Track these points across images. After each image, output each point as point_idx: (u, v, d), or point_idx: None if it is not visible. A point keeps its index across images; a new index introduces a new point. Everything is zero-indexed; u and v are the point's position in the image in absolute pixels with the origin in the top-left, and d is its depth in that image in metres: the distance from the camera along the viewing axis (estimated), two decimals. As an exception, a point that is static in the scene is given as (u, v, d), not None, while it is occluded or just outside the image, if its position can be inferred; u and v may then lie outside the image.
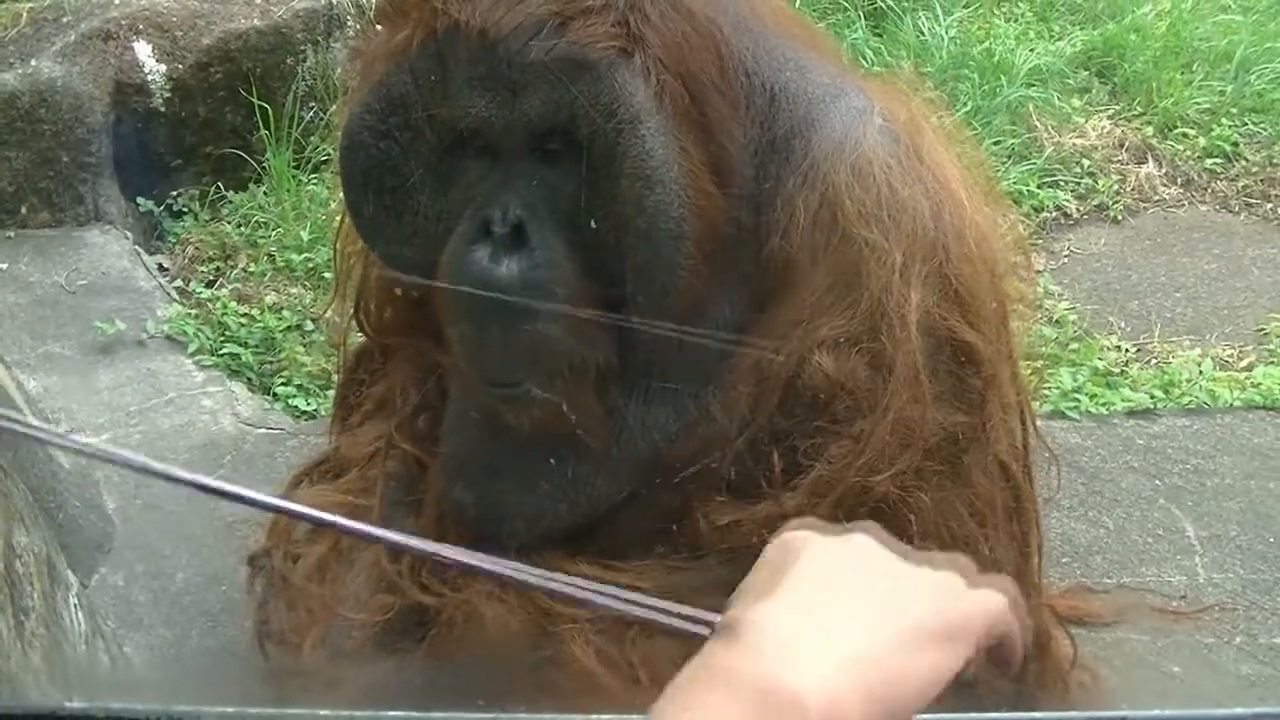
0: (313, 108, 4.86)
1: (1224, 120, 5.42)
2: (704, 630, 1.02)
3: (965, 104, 5.19)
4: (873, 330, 2.03)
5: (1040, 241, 4.87)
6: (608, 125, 1.95)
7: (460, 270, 2.04)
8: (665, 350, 2.11)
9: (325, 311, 3.48)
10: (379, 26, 2.16)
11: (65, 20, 4.75)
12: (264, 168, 4.79)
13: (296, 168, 4.79)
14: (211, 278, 4.47)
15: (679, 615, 1.06)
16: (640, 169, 1.95)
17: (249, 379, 3.97)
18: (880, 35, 5.81)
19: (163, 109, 4.70)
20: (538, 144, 2.02)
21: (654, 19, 1.95)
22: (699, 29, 1.99)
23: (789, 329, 2.05)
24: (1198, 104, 5.46)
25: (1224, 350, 4.26)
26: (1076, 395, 3.90)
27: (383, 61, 2.09)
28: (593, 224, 2.01)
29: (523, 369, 2.08)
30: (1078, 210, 5.08)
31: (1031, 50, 5.69)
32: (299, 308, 4.26)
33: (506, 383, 2.12)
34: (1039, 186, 5.08)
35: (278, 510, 1.20)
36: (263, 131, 4.72)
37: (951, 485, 2.13)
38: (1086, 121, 5.39)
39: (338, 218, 2.65)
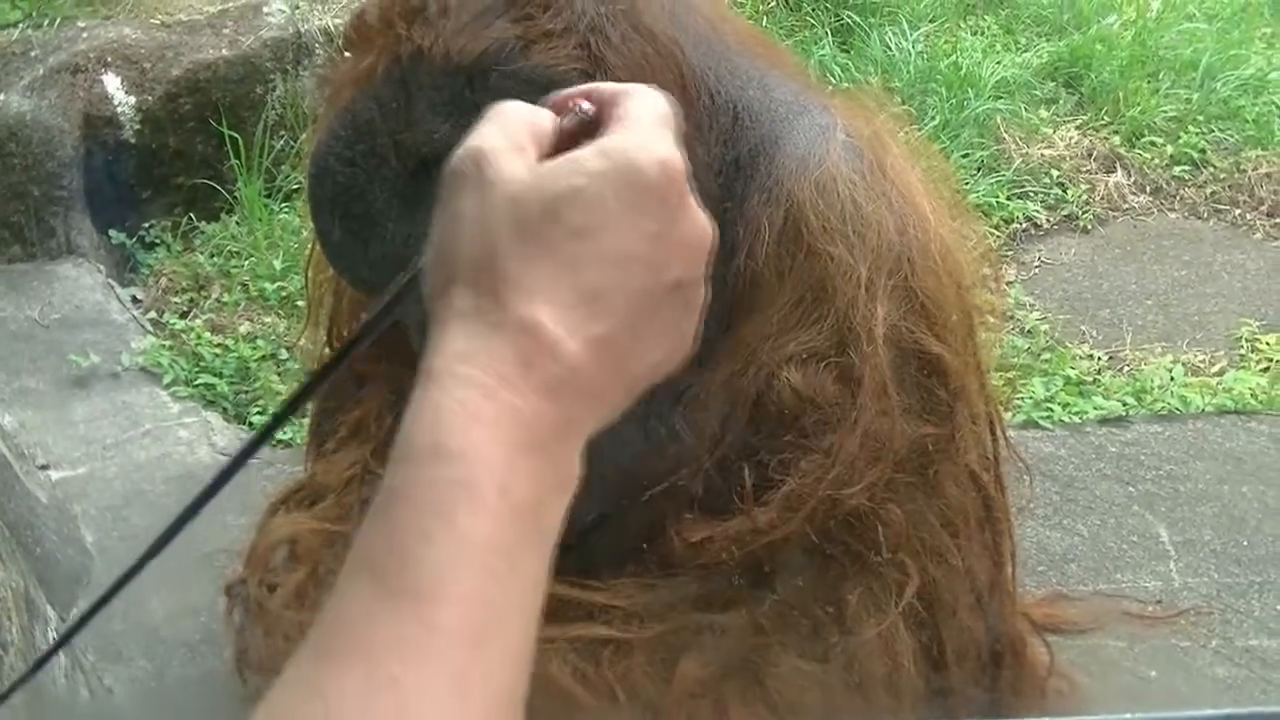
0: (283, 136, 4.86)
1: (1191, 128, 5.47)
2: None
3: (933, 118, 5.23)
4: (840, 345, 2.03)
5: (1011, 252, 4.91)
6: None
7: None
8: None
9: (299, 339, 3.48)
10: (346, 54, 2.16)
11: (33, 54, 4.75)
12: (235, 197, 4.79)
13: (268, 197, 4.80)
14: (185, 308, 4.47)
15: None
16: (604, 190, 1.96)
17: (225, 409, 3.96)
18: (848, 51, 5.85)
19: (133, 140, 4.71)
20: (503, 168, 2.02)
21: (615, 41, 1.96)
22: (660, 50, 2.00)
23: (756, 345, 2.05)
24: (1165, 112, 5.52)
25: (1195, 356, 4.30)
26: (1049, 404, 3.93)
27: (349, 88, 2.09)
28: (559, 246, 2.01)
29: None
30: (1047, 220, 5.12)
31: (998, 63, 5.74)
32: (273, 336, 4.26)
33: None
34: (1008, 198, 5.11)
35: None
36: (233, 161, 4.73)
37: (922, 496, 2.13)
38: (1054, 132, 5.44)
39: (309, 245, 2.65)
